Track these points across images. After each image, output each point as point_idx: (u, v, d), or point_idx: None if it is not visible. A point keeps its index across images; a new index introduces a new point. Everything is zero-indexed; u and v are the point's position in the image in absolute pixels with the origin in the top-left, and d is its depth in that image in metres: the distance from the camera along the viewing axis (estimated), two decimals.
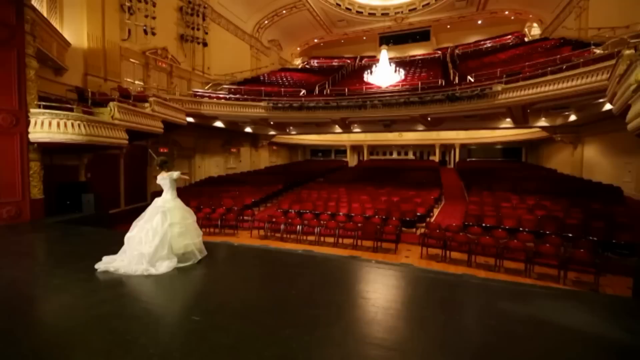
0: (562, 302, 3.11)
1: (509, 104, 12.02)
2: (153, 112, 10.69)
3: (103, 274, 3.89)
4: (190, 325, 2.55)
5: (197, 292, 3.39)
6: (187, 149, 17.82)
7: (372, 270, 4.20)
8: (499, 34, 27.20)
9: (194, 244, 4.26)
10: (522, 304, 3.02)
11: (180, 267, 4.00)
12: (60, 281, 3.53)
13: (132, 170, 11.87)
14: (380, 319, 2.70)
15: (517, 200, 10.83)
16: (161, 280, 3.63)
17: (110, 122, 8.68)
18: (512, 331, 2.56)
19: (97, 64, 12.50)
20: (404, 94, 14.97)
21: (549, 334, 2.52)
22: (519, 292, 3.40)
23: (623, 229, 7.13)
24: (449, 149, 30.45)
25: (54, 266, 4.03)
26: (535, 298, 3.21)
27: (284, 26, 25.53)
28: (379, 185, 15.20)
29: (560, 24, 19.69)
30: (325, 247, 8.05)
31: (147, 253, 3.94)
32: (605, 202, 9.92)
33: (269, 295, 3.20)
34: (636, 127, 5.25)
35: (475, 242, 6.75)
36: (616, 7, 14.32)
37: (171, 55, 16.37)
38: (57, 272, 3.82)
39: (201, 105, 14.74)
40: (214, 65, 19.76)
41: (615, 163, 14.13)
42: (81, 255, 4.53)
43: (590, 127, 15.76)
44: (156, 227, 4.12)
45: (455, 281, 3.78)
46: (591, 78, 9.28)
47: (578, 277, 5.96)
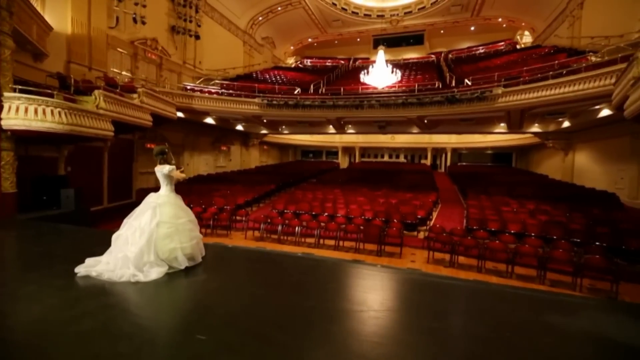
0: (614, 314, 2.78)
1: (508, 107, 11.94)
2: (142, 103, 10.03)
3: (84, 279, 3.33)
4: (195, 346, 2.08)
5: (198, 303, 2.89)
6: (176, 146, 17.05)
7: (388, 277, 3.79)
8: (491, 40, 27.56)
9: (181, 248, 3.54)
10: (570, 317, 2.68)
11: (174, 273, 3.44)
12: (32, 288, 2.97)
13: (117, 165, 11.13)
14: (423, 341, 2.30)
15: (516, 205, 10.70)
16: (153, 289, 3.11)
17: (95, 111, 8.01)
18: (570, 353, 2.20)
19: (82, 51, 11.70)
20: (402, 95, 14.75)
21: (618, 356, 2.17)
22: (559, 302, 3.07)
23: (631, 235, 7.00)
24: (440, 152, 30.61)
25: (24, 270, 3.44)
26: (581, 309, 2.87)
27: (279, 24, 25.06)
28: (374, 187, 14.88)
29: (553, 33, 20.01)
30: (325, 250, 7.63)
31: (131, 256, 3.39)
32: (604, 208, 9.90)
33: (284, 307, 2.74)
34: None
35: (485, 247, 6.47)
36: (610, 16, 14.56)
37: (161, 47, 15.65)
38: (29, 277, 3.24)
39: (192, 99, 14.10)
40: (205, 60, 19.09)
41: (607, 170, 14.31)
42: (58, 258, 3.95)
43: (582, 133, 15.97)
44: (144, 225, 3.56)
45: (486, 290, 3.42)
46: (594, 83, 9.25)
47: (592, 284, 5.75)
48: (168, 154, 4.03)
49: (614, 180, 13.63)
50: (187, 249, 3.62)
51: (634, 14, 12.88)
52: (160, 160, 3.96)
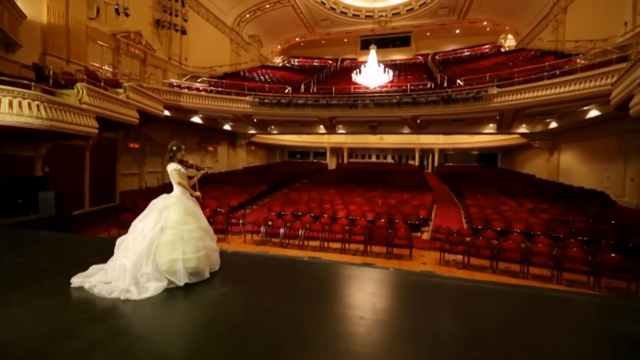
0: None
1: (504, 107, 12.04)
2: (128, 99, 9.32)
3: (79, 293, 2.83)
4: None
5: (229, 324, 2.39)
6: (161, 145, 16.19)
7: (424, 282, 3.48)
8: (475, 44, 28.16)
9: (183, 260, 2.96)
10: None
11: (176, 288, 2.91)
12: (17, 313, 2.44)
13: (99, 166, 10.33)
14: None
15: (514, 204, 10.74)
16: (166, 306, 2.65)
17: (78, 106, 7.31)
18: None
19: (59, 43, 10.82)
20: (397, 95, 14.63)
21: None
22: (615, 306, 2.85)
23: (634, 232, 7.05)
24: (427, 153, 30.92)
25: (5, 289, 2.87)
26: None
27: (266, 22, 24.54)
28: (369, 187, 14.67)
29: (536, 36, 20.58)
30: (331, 253, 7.27)
31: (129, 264, 2.89)
32: (598, 206, 10.08)
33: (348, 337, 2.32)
34: None
35: (498, 248, 6.31)
36: (593, 21, 15.03)
37: (145, 41, 14.82)
38: (12, 298, 2.69)
39: (180, 96, 13.40)
40: (191, 57, 18.32)
41: (593, 169, 14.74)
42: (45, 271, 3.38)
43: (567, 134, 16.43)
44: (146, 229, 3.06)
45: (527, 294, 3.16)
46: (590, 83, 9.41)
47: (607, 282, 5.68)
48: (177, 151, 3.51)
49: (600, 179, 14.04)
50: (190, 261, 3.03)
51: (617, 18, 13.32)
52: (169, 157, 3.48)
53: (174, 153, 3.49)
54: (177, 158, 3.51)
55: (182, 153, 3.57)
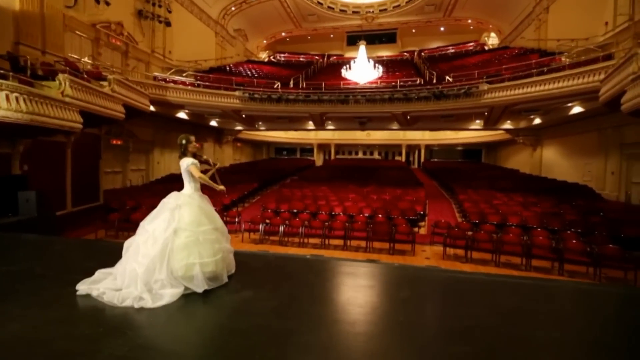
0: None
1: (494, 103, 12.27)
2: (113, 92, 8.81)
3: (85, 301, 2.59)
4: None
5: (268, 330, 2.19)
6: (145, 142, 15.59)
7: (450, 278, 3.42)
8: (459, 41, 28.63)
9: (201, 265, 2.74)
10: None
11: (193, 293, 2.69)
12: (16, 328, 2.15)
13: (81, 163, 9.73)
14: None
15: (505, 198, 10.97)
16: (188, 314, 2.44)
17: (60, 99, 6.81)
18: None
19: (33, 32, 10.05)
20: (388, 91, 14.63)
21: None
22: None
23: (623, 223, 7.33)
24: (413, 149, 31.33)
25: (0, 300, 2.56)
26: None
27: (252, 15, 23.97)
28: (360, 183, 14.64)
29: (519, 35, 21.12)
30: (333, 250, 7.16)
31: (140, 270, 2.65)
32: (585, 199, 10.46)
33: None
34: None
35: (499, 241, 6.39)
36: (575, 20, 15.53)
37: (127, 33, 14.10)
38: (8, 311, 2.40)
39: (167, 91, 12.84)
40: (176, 50, 17.63)
41: (575, 164, 15.33)
42: (41, 279, 3.07)
43: (550, 130, 16.98)
44: (158, 232, 2.81)
45: (560, 287, 3.15)
46: (578, 80, 9.70)
47: (604, 273, 5.85)
48: (188, 144, 3.25)
49: (581, 173, 14.62)
50: (208, 265, 2.80)
51: (598, 18, 13.82)
52: (181, 152, 3.22)
53: (185, 147, 3.23)
54: (190, 151, 3.25)
55: (194, 145, 3.30)
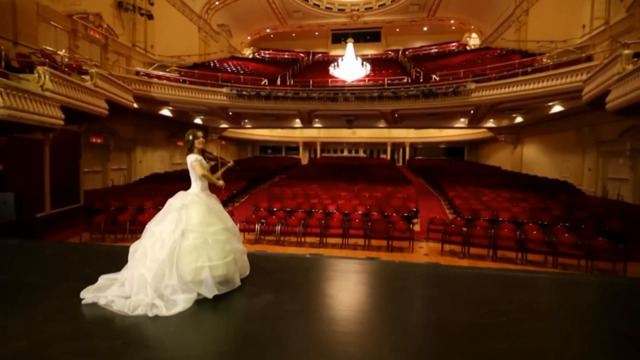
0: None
1: (481, 102, 12.57)
2: (96, 87, 8.33)
3: (92, 310, 2.39)
4: None
5: (307, 341, 2.05)
6: (127, 140, 14.93)
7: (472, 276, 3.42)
8: (441, 41, 29.20)
9: (210, 268, 2.57)
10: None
11: (214, 299, 2.53)
12: (22, 345, 1.95)
13: (60, 163, 9.16)
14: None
15: (492, 194, 11.26)
16: (217, 326, 2.28)
17: (40, 93, 6.36)
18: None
19: (4, 21, 9.37)
20: (377, 88, 14.70)
21: None
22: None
23: (606, 217, 7.69)
24: (398, 147, 31.74)
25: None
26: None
27: (237, 11, 23.45)
28: (351, 181, 14.65)
29: (500, 36, 21.77)
30: (331, 249, 7.10)
31: (149, 275, 2.47)
32: (567, 194, 10.91)
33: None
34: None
35: (496, 236, 6.53)
36: (553, 23, 16.15)
37: (107, 25, 13.40)
38: (13, 326, 2.17)
39: (151, 86, 12.31)
40: (158, 44, 16.96)
41: (554, 160, 15.99)
42: (37, 289, 2.81)
43: (530, 128, 17.61)
44: (165, 234, 2.64)
45: (595, 282, 3.21)
46: (562, 80, 10.08)
47: (594, 265, 6.10)
48: (195, 139, 3.06)
49: (560, 170, 15.26)
50: (218, 268, 2.63)
51: (576, 21, 14.45)
52: (187, 149, 3.04)
53: (192, 143, 3.03)
54: (197, 148, 3.07)
55: (202, 141, 3.11)
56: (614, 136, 11.72)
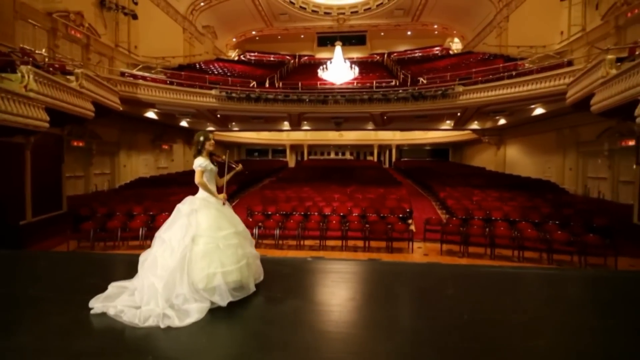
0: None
1: (469, 104, 12.91)
2: (81, 88, 7.97)
3: (101, 320, 2.26)
4: None
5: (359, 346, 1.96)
6: (110, 144, 14.37)
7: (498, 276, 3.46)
8: (424, 45, 29.89)
9: (223, 274, 2.46)
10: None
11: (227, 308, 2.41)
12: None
13: (42, 167, 8.68)
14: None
15: (482, 194, 11.54)
16: (248, 337, 2.16)
17: (24, 94, 6.02)
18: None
19: None
20: (367, 91, 14.83)
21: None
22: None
23: (593, 214, 8.03)
24: (384, 149, 32.13)
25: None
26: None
27: (222, 12, 23.13)
28: (342, 183, 14.67)
29: (482, 41, 22.50)
30: (331, 251, 7.07)
31: (159, 284, 2.35)
32: (551, 193, 11.33)
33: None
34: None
35: (493, 235, 6.68)
36: (532, 29, 16.81)
37: (88, 24, 12.89)
38: (30, 344, 1.98)
39: (137, 88, 11.92)
40: (142, 45, 16.47)
41: (536, 161, 16.61)
42: (42, 303, 2.61)
43: (512, 130, 18.24)
44: (175, 240, 2.52)
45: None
46: (546, 83, 10.51)
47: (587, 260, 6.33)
48: (206, 141, 2.94)
49: (542, 170, 15.87)
50: (231, 274, 2.50)
51: (554, 28, 15.12)
52: (196, 151, 2.92)
53: (202, 144, 2.91)
54: (207, 150, 2.94)
55: (212, 143, 2.99)
56: (592, 137, 12.30)
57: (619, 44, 10.61)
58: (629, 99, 5.96)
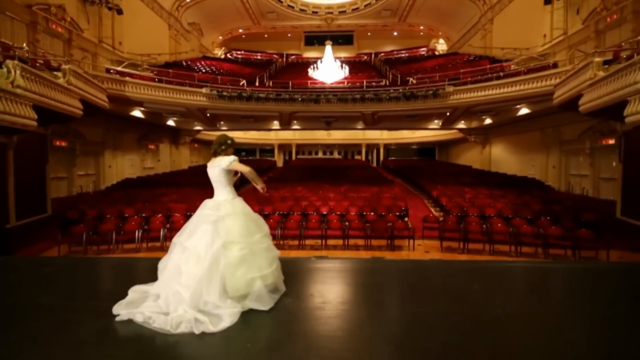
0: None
1: (459, 104, 13.20)
2: (69, 85, 7.61)
3: (127, 327, 2.16)
4: None
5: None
6: (94, 144, 13.81)
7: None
8: (410, 46, 30.37)
9: (262, 277, 2.46)
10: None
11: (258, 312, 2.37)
12: None
13: (25, 169, 8.24)
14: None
15: (473, 192, 11.84)
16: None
17: (11, 90, 5.68)
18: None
19: None
20: (359, 90, 14.91)
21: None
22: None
23: (581, 209, 8.38)
24: (372, 148, 32.41)
25: (20, 351, 1.92)
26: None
27: (208, 9, 22.68)
28: (334, 182, 14.69)
29: (467, 42, 23.07)
30: (334, 251, 7.07)
31: (186, 293, 2.27)
32: (538, 190, 11.75)
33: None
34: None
35: (491, 231, 6.86)
36: (516, 32, 17.39)
37: (70, 18, 12.32)
38: (60, 356, 1.87)
39: (125, 85, 11.49)
40: (126, 41, 15.91)
41: (520, 159, 17.19)
42: (58, 312, 2.45)
43: (498, 129, 18.80)
44: (201, 248, 2.44)
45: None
46: (534, 84, 10.89)
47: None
48: (231, 146, 2.87)
49: (526, 168, 16.43)
50: (268, 277, 2.51)
51: (537, 31, 15.70)
52: (217, 154, 2.80)
53: (227, 146, 2.81)
54: (228, 153, 2.83)
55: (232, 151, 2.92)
56: (574, 136, 12.84)
57: (598, 47, 11.13)
58: (617, 100, 6.26)
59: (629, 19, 10.44)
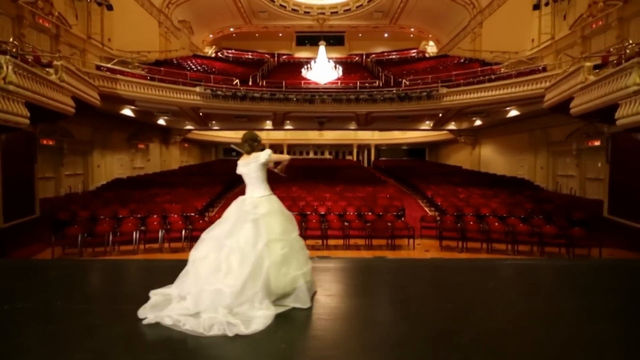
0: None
1: (452, 105, 13.45)
2: (61, 82, 7.37)
3: (156, 331, 2.11)
4: None
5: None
6: (83, 143, 13.43)
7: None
8: (401, 47, 30.72)
9: (303, 275, 2.46)
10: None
11: (290, 312, 2.35)
12: None
13: (13, 168, 7.93)
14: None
15: (466, 192, 12.09)
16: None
17: (3, 87, 5.47)
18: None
19: None
20: (354, 91, 14.99)
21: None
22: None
23: (571, 208, 8.68)
24: (363, 149, 32.61)
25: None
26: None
27: (199, 7, 22.32)
28: (329, 183, 14.73)
29: (456, 45, 23.50)
30: (335, 250, 7.08)
31: (228, 291, 2.23)
32: (529, 190, 12.09)
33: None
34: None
35: (489, 230, 7.02)
36: (505, 36, 17.83)
37: (58, 13, 11.91)
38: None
39: (117, 83, 11.20)
40: (115, 38, 15.51)
41: (509, 160, 17.64)
42: (77, 316, 2.38)
43: (487, 130, 19.24)
44: (245, 246, 2.39)
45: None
46: (525, 87, 11.20)
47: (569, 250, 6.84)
48: (259, 139, 2.87)
49: (515, 168, 16.88)
50: (307, 275, 2.52)
51: (525, 35, 16.15)
52: (249, 150, 2.79)
53: (259, 142, 2.84)
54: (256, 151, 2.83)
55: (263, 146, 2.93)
56: (562, 138, 13.28)
57: (584, 52, 11.54)
58: (608, 103, 6.51)
59: (614, 25, 10.88)
